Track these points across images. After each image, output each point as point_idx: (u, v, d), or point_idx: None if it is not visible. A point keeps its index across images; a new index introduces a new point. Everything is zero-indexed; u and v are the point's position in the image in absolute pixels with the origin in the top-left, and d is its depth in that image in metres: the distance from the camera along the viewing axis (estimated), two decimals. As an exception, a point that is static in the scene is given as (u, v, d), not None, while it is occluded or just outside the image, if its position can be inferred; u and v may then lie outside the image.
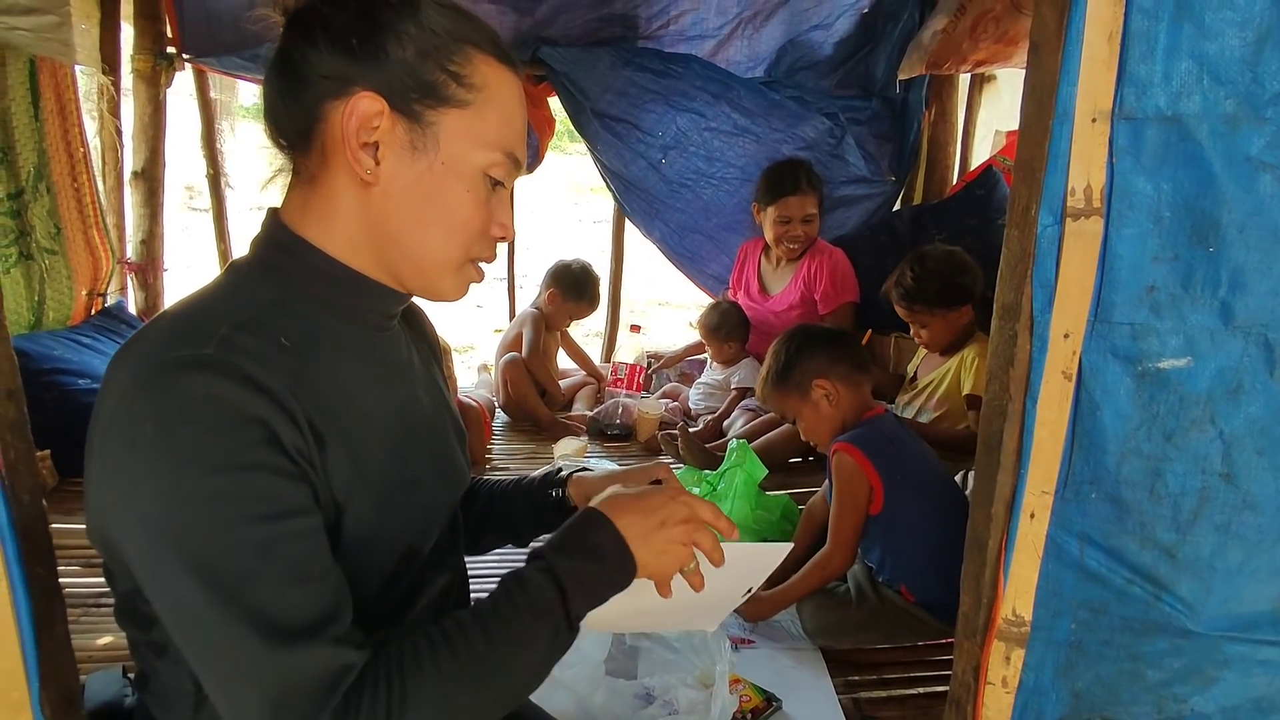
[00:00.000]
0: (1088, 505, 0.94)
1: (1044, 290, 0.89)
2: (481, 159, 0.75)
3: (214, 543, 0.63)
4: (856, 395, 1.75)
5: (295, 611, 0.64)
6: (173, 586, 0.64)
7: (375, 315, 0.81)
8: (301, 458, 0.67)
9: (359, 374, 0.77)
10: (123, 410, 0.64)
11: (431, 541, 0.86)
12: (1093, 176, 0.85)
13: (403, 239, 0.76)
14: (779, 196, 2.67)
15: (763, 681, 1.54)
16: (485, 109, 0.75)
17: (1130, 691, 0.99)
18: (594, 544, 0.77)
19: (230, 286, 0.75)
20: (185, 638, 0.66)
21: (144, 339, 0.69)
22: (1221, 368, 0.88)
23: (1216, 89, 0.82)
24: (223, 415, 0.63)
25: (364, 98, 0.71)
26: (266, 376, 0.65)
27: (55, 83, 2.49)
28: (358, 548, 0.74)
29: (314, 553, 0.67)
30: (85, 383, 2.31)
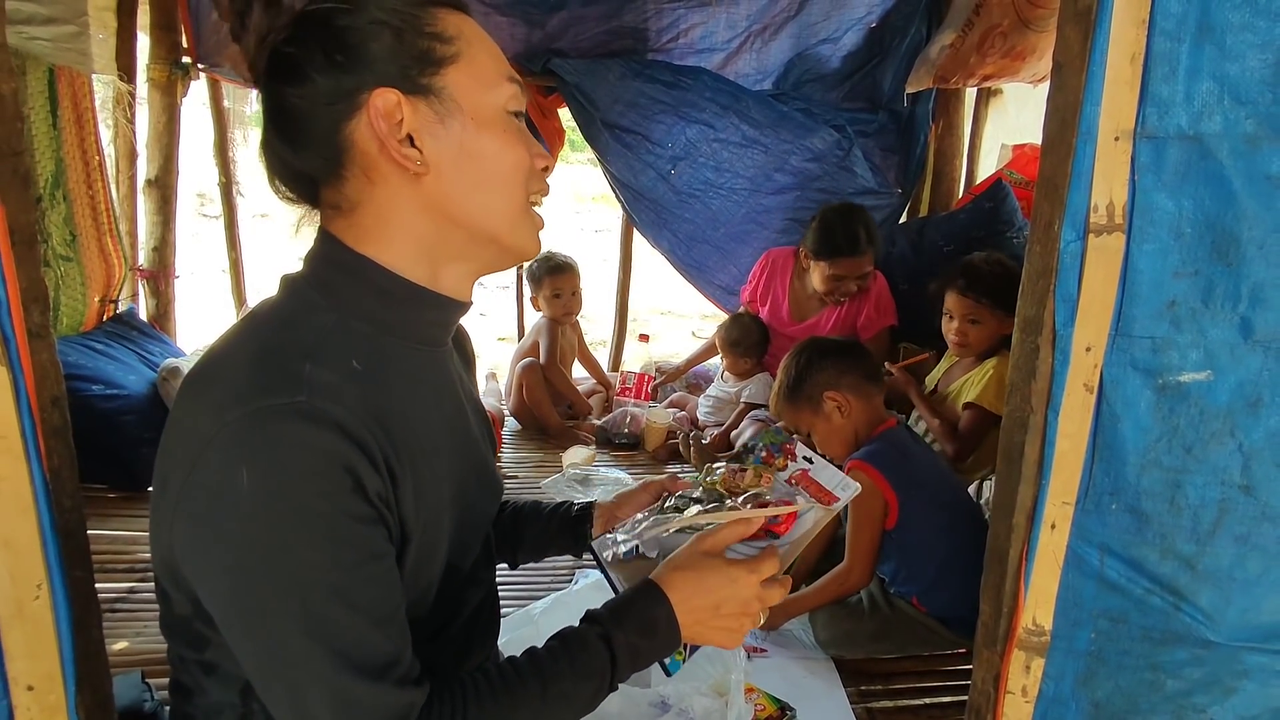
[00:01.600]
0: (1108, 516, 0.96)
1: (1066, 304, 0.90)
2: (497, 97, 0.76)
3: (304, 590, 0.65)
4: (868, 406, 1.77)
5: (372, 653, 0.68)
6: (256, 628, 0.67)
7: (434, 329, 0.82)
8: (381, 501, 0.69)
9: (416, 397, 0.78)
10: (213, 457, 0.64)
11: (472, 558, 0.87)
12: (1115, 193, 0.87)
13: (469, 211, 0.76)
14: (834, 256, 2.54)
15: (777, 691, 1.55)
16: (472, 51, 0.76)
17: (1150, 701, 1.00)
18: (649, 620, 0.81)
19: (294, 309, 0.75)
20: (262, 676, 0.69)
21: (225, 379, 0.69)
22: (1241, 381, 0.90)
23: (1237, 109, 0.84)
24: (318, 465, 0.64)
25: (377, 96, 0.71)
26: (352, 421, 0.66)
27: (73, 91, 2.51)
28: (415, 571, 0.76)
29: (389, 594, 0.70)
30: (99, 388, 2.33)
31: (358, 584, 0.67)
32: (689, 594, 0.83)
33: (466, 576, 0.87)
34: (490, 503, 0.93)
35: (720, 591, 0.83)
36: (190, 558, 0.68)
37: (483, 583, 0.93)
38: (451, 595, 0.84)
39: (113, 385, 2.36)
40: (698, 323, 5.72)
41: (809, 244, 2.63)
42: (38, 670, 0.82)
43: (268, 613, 0.65)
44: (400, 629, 0.71)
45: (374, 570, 0.68)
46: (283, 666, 0.67)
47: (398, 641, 0.70)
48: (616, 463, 2.70)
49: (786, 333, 2.79)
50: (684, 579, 0.83)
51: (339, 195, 0.75)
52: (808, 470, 1.02)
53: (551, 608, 1.53)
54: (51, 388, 0.80)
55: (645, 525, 0.96)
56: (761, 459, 1.05)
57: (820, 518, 0.94)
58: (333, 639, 0.66)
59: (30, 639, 0.80)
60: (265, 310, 0.76)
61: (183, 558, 0.69)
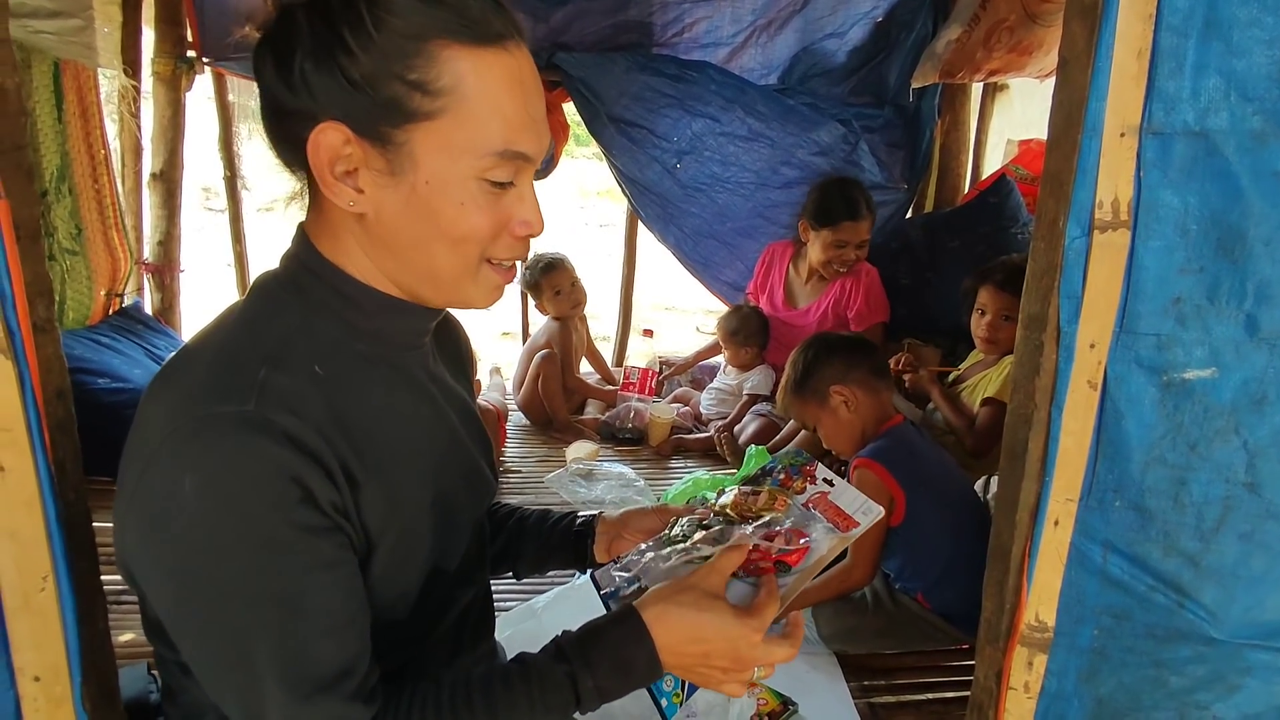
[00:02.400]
0: (1111, 513, 0.95)
1: (1071, 301, 0.90)
2: (469, 167, 0.68)
3: (245, 598, 0.65)
4: (875, 402, 1.77)
5: (318, 665, 0.67)
6: (200, 635, 0.67)
7: (405, 335, 0.80)
8: (335, 510, 0.68)
9: (387, 401, 0.76)
10: (162, 461, 0.64)
11: (458, 559, 0.86)
12: (1120, 190, 0.87)
13: (409, 260, 0.72)
14: (836, 221, 2.59)
15: (779, 685, 1.55)
16: (461, 112, 0.67)
17: (1153, 698, 1.00)
18: (625, 662, 0.75)
19: (260, 311, 0.74)
20: (211, 683, 0.69)
21: (182, 381, 0.68)
22: (1246, 379, 0.89)
23: (1244, 105, 0.83)
24: (262, 475, 0.63)
25: (326, 130, 0.66)
26: (304, 431, 0.65)
27: (78, 85, 2.51)
28: (388, 575, 0.75)
29: (341, 603, 0.69)
30: (105, 382, 2.34)
31: (305, 593, 0.66)
32: (679, 637, 0.75)
33: (454, 577, 0.85)
34: (475, 503, 0.91)
35: (714, 642, 0.75)
36: (138, 562, 0.68)
37: (473, 582, 0.91)
38: (439, 596, 0.83)
39: (118, 379, 2.37)
40: (701, 318, 5.71)
41: (808, 215, 2.68)
42: (44, 661, 0.82)
43: (210, 621, 0.65)
44: (356, 639, 0.70)
45: (324, 579, 0.67)
46: (229, 676, 0.67)
47: (352, 651, 0.69)
48: (620, 457, 2.71)
49: (780, 318, 2.84)
50: (675, 618, 0.75)
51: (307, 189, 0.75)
52: (827, 493, 0.97)
53: (554, 601, 1.54)
54: (56, 381, 0.80)
55: (648, 559, 0.90)
56: (779, 481, 1.01)
57: (834, 545, 0.89)
58: (276, 650, 0.65)
59: (36, 630, 0.81)
60: (235, 310, 0.76)
61: (133, 560, 0.69)
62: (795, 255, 2.86)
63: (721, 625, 0.75)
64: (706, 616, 0.75)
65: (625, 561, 0.92)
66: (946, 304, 2.64)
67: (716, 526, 0.92)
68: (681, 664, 0.77)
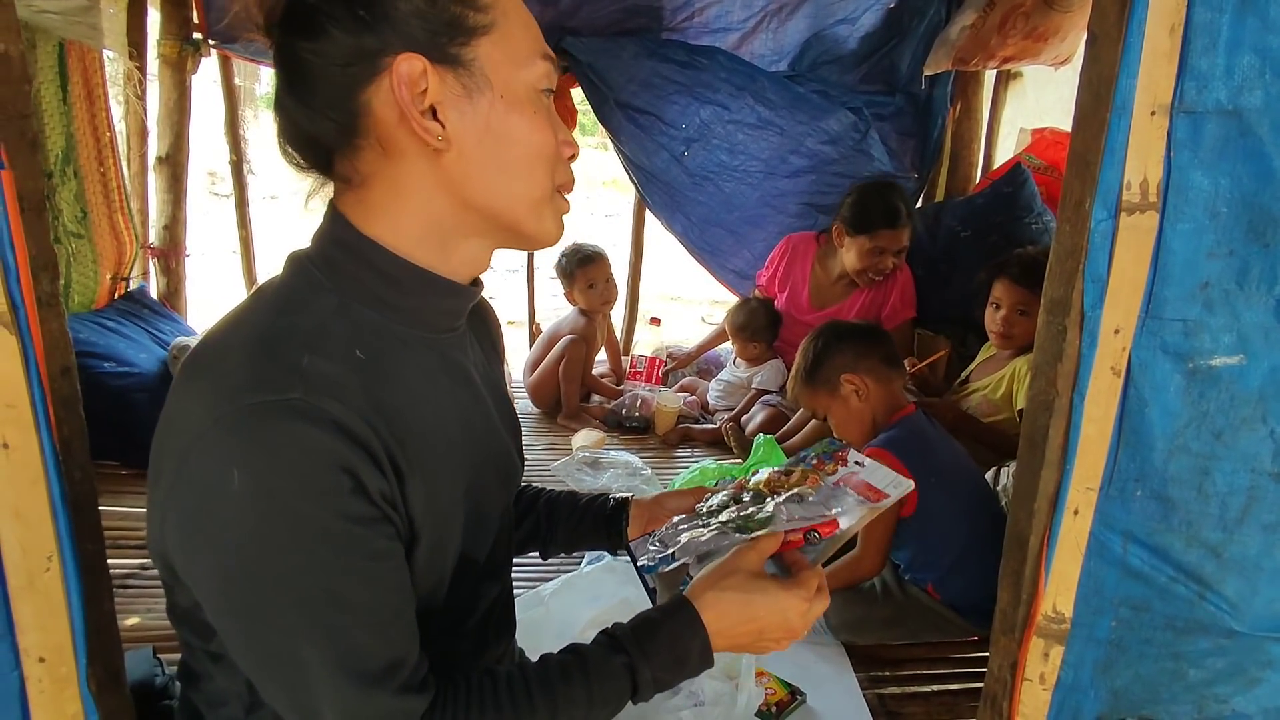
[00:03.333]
0: (1132, 503, 0.94)
1: (1095, 285, 0.88)
2: (530, 74, 0.71)
3: (297, 594, 0.63)
4: (886, 391, 1.75)
5: (370, 657, 0.65)
6: (250, 633, 0.65)
7: (442, 316, 0.78)
8: (384, 500, 0.66)
9: (425, 387, 0.75)
10: (204, 453, 0.61)
11: (486, 551, 0.84)
12: (1149, 170, 0.84)
13: (490, 195, 0.71)
14: (874, 229, 2.48)
15: (787, 675, 1.54)
16: (507, 23, 0.70)
17: (1171, 690, 0.98)
18: (682, 653, 0.77)
19: (295, 293, 0.71)
20: (261, 678, 0.67)
21: (220, 369, 0.65)
22: (1274, 366, 0.87)
23: (1279, 83, 0.81)
24: (312, 466, 0.61)
25: (402, 61, 0.65)
26: (352, 419, 0.63)
27: (83, 67, 2.50)
28: (425, 567, 0.73)
29: (391, 596, 0.67)
30: (110, 366, 2.33)
31: (356, 588, 0.64)
32: (735, 620, 0.78)
33: (483, 570, 0.84)
34: (505, 490, 0.89)
35: (767, 618, 0.79)
36: (181, 555, 0.66)
37: (499, 576, 0.90)
38: (468, 589, 0.82)
39: (124, 363, 2.36)
40: (707, 308, 5.69)
41: (845, 220, 2.56)
42: (49, 643, 0.81)
43: (261, 617, 0.63)
44: (406, 631, 0.69)
45: (375, 572, 0.66)
46: (280, 671, 0.65)
47: (402, 645, 0.68)
48: (626, 446, 2.69)
49: (805, 320, 2.76)
50: (727, 603, 0.79)
51: (351, 167, 0.71)
52: (857, 473, 0.98)
53: (561, 589, 1.53)
54: (62, 357, 0.79)
55: (683, 532, 0.92)
56: (812, 465, 1.02)
57: (865, 515, 0.91)
58: (329, 644, 0.64)
59: (41, 611, 0.80)
60: (268, 292, 0.73)
61: (174, 553, 0.66)
62: (821, 253, 2.77)
63: (772, 601, 0.79)
64: (757, 597, 0.79)
65: (660, 535, 0.94)
66: (957, 294, 2.61)
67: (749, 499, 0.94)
68: (736, 643, 0.80)
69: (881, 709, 1.53)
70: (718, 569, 0.82)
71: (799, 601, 0.80)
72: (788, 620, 0.79)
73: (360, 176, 0.71)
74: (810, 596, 0.81)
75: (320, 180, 0.75)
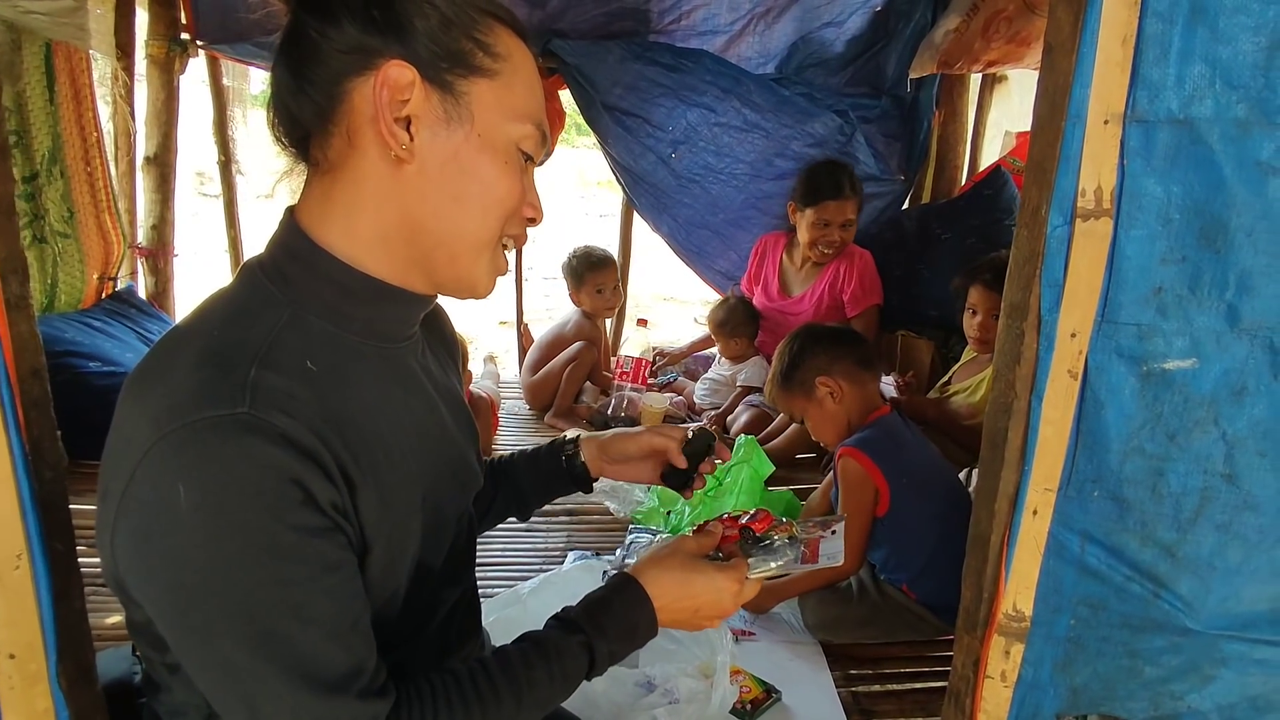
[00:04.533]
0: (1090, 503, 0.95)
1: (1052, 290, 0.90)
2: (515, 131, 0.73)
3: (250, 610, 0.63)
4: (861, 393, 1.76)
5: (329, 666, 0.66)
6: (205, 650, 0.65)
7: (395, 325, 0.78)
8: (335, 510, 0.67)
9: (379, 397, 0.75)
10: (151, 470, 0.61)
11: (444, 555, 0.85)
12: (1103, 178, 0.86)
13: (437, 220, 0.72)
14: (819, 200, 2.62)
15: (763, 673, 1.56)
16: (513, 79, 0.73)
17: (1127, 688, 1.00)
18: (632, 625, 0.84)
19: (247, 304, 0.72)
20: (217, 695, 0.67)
21: (167, 382, 0.64)
22: (1226, 369, 0.89)
23: (1229, 93, 0.83)
24: (261, 480, 0.62)
25: (394, 66, 0.67)
26: (300, 431, 0.64)
27: (70, 67, 2.50)
28: (380, 576, 0.74)
29: (347, 605, 0.68)
30: (96, 365, 2.33)
31: (310, 598, 0.65)
32: (675, 596, 0.86)
33: (441, 575, 0.85)
34: (462, 497, 0.91)
35: (703, 596, 0.87)
36: (133, 574, 0.66)
37: (460, 581, 0.91)
38: (427, 595, 0.83)
39: (110, 362, 2.37)
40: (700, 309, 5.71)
41: (795, 197, 2.72)
42: (18, 639, 0.82)
43: (216, 634, 0.63)
44: (362, 638, 0.69)
45: (328, 583, 0.66)
46: (238, 686, 0.65)
47: (359, 652, 0.69)
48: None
49: (775, 307, 2.85)
50: (670, 580, 0.86)
51: (321, 153, 0.72)
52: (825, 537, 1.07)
53: (540, 588, 1.54)
54: (31, 359, 0.79)
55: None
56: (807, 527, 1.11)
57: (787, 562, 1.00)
58: (287, 656, 0.64)
59: (11, 608, 0.81)
60: (217, 303, 0.73)
61: (125, 572, 0.66)
62: (789, 244, 2.88)
63: (709, 581, 0.87)
64: (695, 576, 0.87)
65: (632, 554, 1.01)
66: (939, 296, 2.63)
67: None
68: (675, 619, 0.87)
69: (856, 707, 1.55)
70: (660, 551, 0.89)
71: (732, 583, 0.88)
72: (721, 600, 0.87)
73: (328, 164, 0.72)
74: (742, 580, 0.89)
75: (293, 164, 0.76)
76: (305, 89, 0.70)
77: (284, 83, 0.72)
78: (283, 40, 0.72)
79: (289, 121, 0.74)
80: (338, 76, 0.69)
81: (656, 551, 0.90)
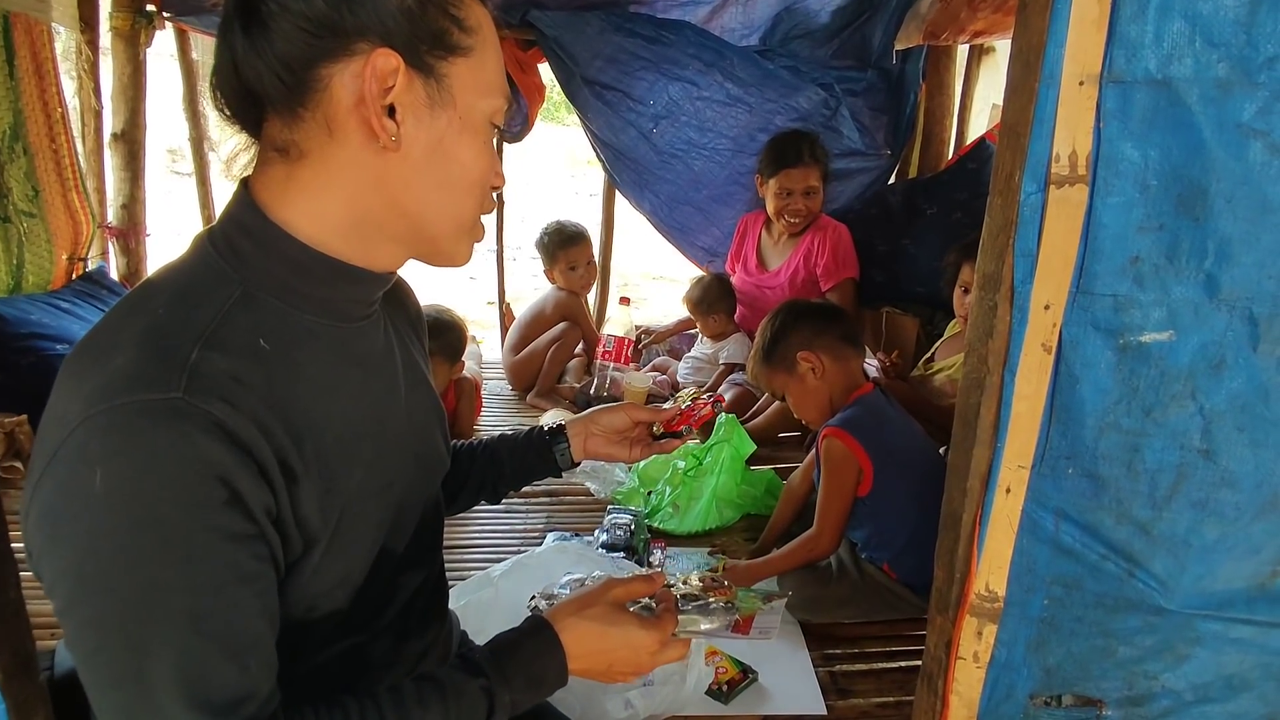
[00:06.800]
0: (1064, 480, 0.93)
1: (1025, 260, 0.86)
2: (488, 106, 0.72)
3: (149, 610, 0.59)
4: (843, 369, 1.74)
5: (220, 687, 0.62)
6: (94, 646, 0.61)
7: (353, 305, 0.75)
8: (264, 513, 0.63)
9: (333, 379, 0.72)
10: (72, 451, 0.58)
11: (406, 540, 0.82)
12: (1078, 142, 0.83)
13: (423, 206, 0.71)
14: (780, 168, 2.63)
15: (739, 654, 1.54)
16: (484, 53, 0.71)
17: (1101, 668, 0.98)
18: (539, 674, 0.79)
19: (196, 280, 0.68)
20: (96, 696, 0.62)
21: (106, 360, 0.61)
22: (1204, 342, 0.86)
23: (1209, 51, 0.79)
24: (185, 473, 0.58)
25: (380, 55, 0.64)
26: (238, 421, 0.60)
27: (30, 40, 2.43)
28: (327, 563, 0.71)
29: (252, 622, 0.64)
30: (63, 348, 2.28)
31: (215, 610, 0.61)
32: (588, 648, 0.81)
33: (402, 560, 0.82)
34: (425, 481, 0.87)
35: (618, 651, 0.82)
36: (37, 553, 0.62)
37: (423, 565, 0.88)
38: (385, 580, 0.80)
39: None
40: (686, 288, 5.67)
41: (761, 167, 2.72)
42: (-50, 631, 0.79)
43: (105, 630, 0.59)
44: (262, 661, 0.65)
45: (236, 595, 0.62)
46: (120, 688, 0.61)
47: (255, 676, 0.64)
48: (594, 427, 2.68)
49: (752, 281, 2.84)
50: (586, 630, 0.81)
51: (287, 136, 0.67)
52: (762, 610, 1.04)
53: (511, 570, 1.52)
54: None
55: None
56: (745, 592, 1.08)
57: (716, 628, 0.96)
58: (178, 666, 0.60)
59: (-62, 599, 0.77)
60: (166, 276, 0.69)
61: (32, 551, 0.63)
62: (767, 220, 2.85)
63: (626, 635, 0.82)
64: (613, 630, 0.82)
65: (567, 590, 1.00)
66: (924, 272, 2.60)
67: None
68: (586, 669, 0.82)
69: (833, 686, 1.54)
70: (583, 597, 0.85)
71: (651, 642, 0.83)
72: (638, 657, 0.83)
73: (297, 150, 0.68)
74: (665, 640, 0.84)
75: (248, 140, 0.72)
76: (268, 65, 0.65)
77: (241, 54, 0.66)
78: (237, 6, 0.66)
79: (243, 96, 0.68)
80: (309, 61, 0.64)
81: (580, 595, 0.85)
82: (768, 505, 2.06)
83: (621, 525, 1.87)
